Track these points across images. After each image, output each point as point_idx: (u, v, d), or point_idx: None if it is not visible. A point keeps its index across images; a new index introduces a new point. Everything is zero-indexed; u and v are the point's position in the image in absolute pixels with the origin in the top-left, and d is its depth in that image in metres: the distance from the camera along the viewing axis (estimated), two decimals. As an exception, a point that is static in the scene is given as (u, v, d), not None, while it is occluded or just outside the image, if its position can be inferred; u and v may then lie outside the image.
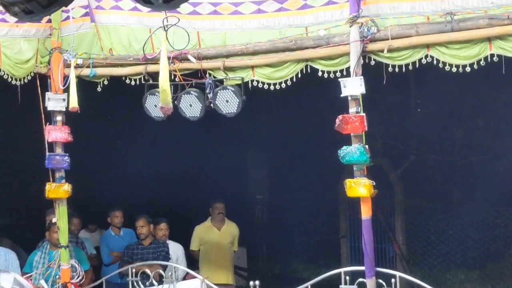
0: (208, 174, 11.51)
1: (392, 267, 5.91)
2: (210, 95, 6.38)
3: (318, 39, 5.97)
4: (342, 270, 6.04)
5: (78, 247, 7.59)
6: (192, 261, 8.52)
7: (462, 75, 5.65)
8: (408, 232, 10.74)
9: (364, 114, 5.68)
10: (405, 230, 10.75)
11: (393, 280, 5.72)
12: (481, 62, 5.44)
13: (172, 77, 6.39)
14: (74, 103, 6.57)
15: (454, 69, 5.56)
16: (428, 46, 5.61)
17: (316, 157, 10.21)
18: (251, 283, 6.33)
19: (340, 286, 5.96)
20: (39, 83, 6.85)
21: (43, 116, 6.73)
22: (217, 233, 8.53)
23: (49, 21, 6.75)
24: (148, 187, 10.70)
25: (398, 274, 5.79)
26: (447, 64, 5.58)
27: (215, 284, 6.66)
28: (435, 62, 5.63)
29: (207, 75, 6.46)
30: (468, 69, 5.49)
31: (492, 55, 5.40)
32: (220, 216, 8.55)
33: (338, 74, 5.92)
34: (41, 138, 6.70)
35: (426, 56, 5.65)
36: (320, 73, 6.05)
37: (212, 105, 6.38)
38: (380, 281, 5.77)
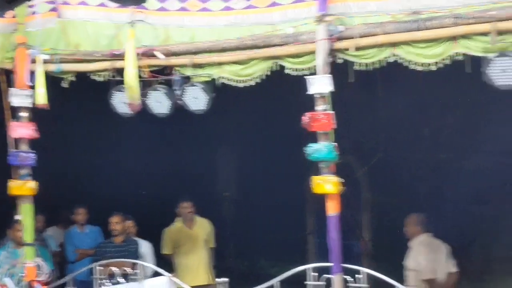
0: (175, 172, 11.46)
1: (358, 264, 5.96)
2: (178, 92, 6.37)
3: (286, 37, 6.01)
4: (308, 266, 6.08)
5: (41, 245, 7.51)
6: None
7: (429, 74, 5.72)
8: (374, 228, 10.83)
9: (332, 112, 5.73)
10: (371, 227, 10.85)
11: (359, 276, 5.78)
12: (446, 61, 5.52)
13: (140, 74, 6.36)
14: (42, 100, 6.50)
15: (419, 68, 5.64)
16: (394, 45, 5.67)
17: (284, 155, 10.23)
18: (219, 280, 6.34)
19: (306, 282, 6.01)
20: (5, 79, 6.75)
21: (8, 112, 6.64)
22: (189, 233, 8.38)
23: (15, 16, 6.67)
24: (116, 185, 10.63)
25: (364, 270, 5.85)
26: (413, 63, 5.65)
27: (195, 287, 6.61)
28: (401, 61, 5.70)
29: (175, 71, 6.44)
30: (433, 68, 5.58)
31: (457, 54, 5.48)
32: (189, 215, 8.38)
33: (306, 72, 5.96)
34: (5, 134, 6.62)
35: (393, 55, 5.71)
36: (287, 71, 6.08)
37: (180, 102, 6.37)
38: (347, 277, 5.82)
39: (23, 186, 6.56)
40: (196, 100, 6.31)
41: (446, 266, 6.90)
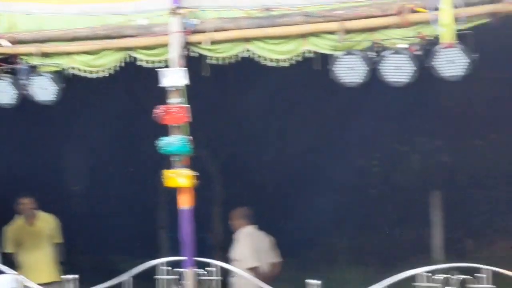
0: (20, 166, 10.96)
1: (211, 257, 6.02)
2: (24, 82, 6.09)
3: (139, 28, 5.92)
4: (160, 260, 6.04)
5: None
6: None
7: (282, 70, 5.85)
8: (226, 222, 10.94)
9: (187, 105, 5.72)
10: (223, 220, 10.95)
11: (211, 269, 5.82)
12: (297, 58, 5.67)
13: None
14: None
15: (272, 64, 5.75)
16: (247, 40, 5.75)
17: (136, 148, 10.11)
18: (67, 277, 6.16)
19: (156, 277, 5.98)
20: None
21: None
22: (31, 229, 8.03)
23: None
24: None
25: (215, 262, 5.90)
26: (266, 59, 5.75)
27: (40, 284, 6.37)
28: (254, 56, 5.78)
29: (21, 60, 6.16)
30: (285, 64, 5.71)
31: (307, 51, 5.64)
32: (30, 211, 8.03)
33: (160, 64, 5.90)
34: None
35: (246, 50, 5.79)
36: (140, 63, 5.99)
37: (26, 92, 6.10)
38: (199, 270, 5.85)
39: None
40: (44, 90, 6.07)
41: (270, 257, 7.17)
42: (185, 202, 5.77)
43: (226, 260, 6.57)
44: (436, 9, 5.10)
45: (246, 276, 6.10)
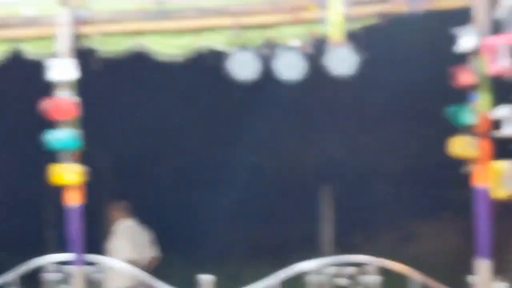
0: None
1: (102, 253, 5.95)
2: None
3: (27, 19, 5.69)
4: (48, 258, 5.88)
5: None
6: None
7: (179, 64, 5.79)
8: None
9: (77, 99, 5.56)
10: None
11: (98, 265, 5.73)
12: (191, 53, 5.63)
13: None
14: None
15: (165, 59, 5.69)
16: (140, 33, 5.66)
17: (22, 143, 9.72)
18: None
19: (43, 275, 5.82)
20: None
21: None
22: None
23: None
24: None
25: (104, 259, 5.81)
26: (159, 53, 5.68)
27: None
28: (147, 50, 5.71)
29: None
30: (179, 59, 5.66)
31: (200, 46, 5.62)
32: None
33: (48, 56, 5.69)
34: None
35: (139, 44, 5.69)
36: (27, 55, 5.77)
37: None
38: (88, 267, 5.73)
39: None
40: None
41: (148, 251, 7.21)
42: (74, 199, 5.61)
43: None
44: (327, 8, 5.20)
45: (122, 268, 6.04)
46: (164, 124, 10.57)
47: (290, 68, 5.40)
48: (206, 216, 10.24)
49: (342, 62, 5.26)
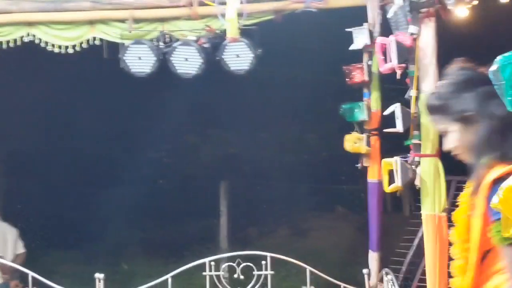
0: None
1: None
2: None
3: None
4: None
5: None
6: None
7: (73, 56, 5.64)
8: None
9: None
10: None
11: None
12: (83, 45, 5.51)
13: None
14: None
15: (57, 50, 5.54)
16: (31, 24, 5.49)
17: None
18: None
19: None
20: None
21: None
22: None
23: None
24: None
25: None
26: (50, 44, 5.52)
27: None
28: (38, 41, 5.54)
29: None
30: (70, 50, 5.52)
31: (94, 38, 5.50)
32: None
33: None
34: None
35: (30, 35, 5.52)
36: None
37: None
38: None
39: None
40: None
41: (14, 248, 7.12)
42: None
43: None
44: (223, 3, 5.20)
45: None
46: (58, 118, 10.29)
47: (186, 62, 5.36)
48: (102, 213, 10.04)
49: (238, 57, 5.28)
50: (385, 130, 4.90)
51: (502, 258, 2.14)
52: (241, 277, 5.39)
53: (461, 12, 4.54)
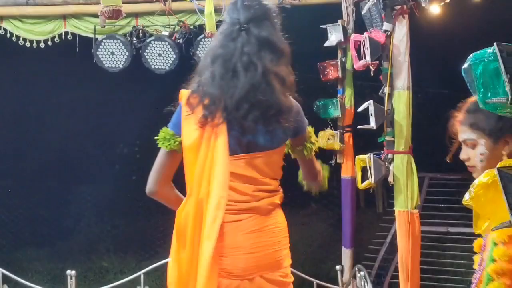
0: None
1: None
2: None
3: None
4: None
5: None
6: None
7: (46, 51, 5.58)
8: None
9: None
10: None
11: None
12: (55, 39, 5.46)
13: None
14: None
15: (28, 44, 5.48)
16: (2, 18, 5.43)
17: None
18: None
19: None
20: None
21: None
22: None
23: None
24: None
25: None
26: (21, 39, 5.46)
27: None
28: (10, 35, 5.48)
29: None
30: (42, 45, 5.46)
31: (67, 33, 5.45)
32: None
33: None
34: None
35: (1, 29, 5.46)
36: None
37: None
38: None
39: None
40: None
41: None
42: None
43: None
44: (198, -2, 5.18)
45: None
46: (29, 113, 10.19)
47: (160, 57, 5.34)
48: (74, 209, 9.97)
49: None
50: (358, 127, 4.92)
51: None
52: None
53: (434, 10, 4.57)
